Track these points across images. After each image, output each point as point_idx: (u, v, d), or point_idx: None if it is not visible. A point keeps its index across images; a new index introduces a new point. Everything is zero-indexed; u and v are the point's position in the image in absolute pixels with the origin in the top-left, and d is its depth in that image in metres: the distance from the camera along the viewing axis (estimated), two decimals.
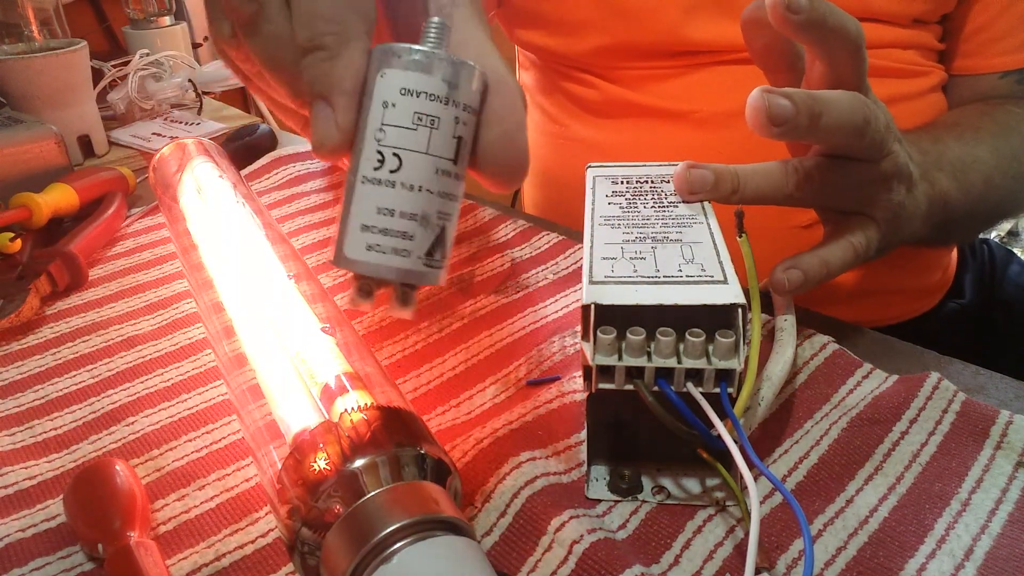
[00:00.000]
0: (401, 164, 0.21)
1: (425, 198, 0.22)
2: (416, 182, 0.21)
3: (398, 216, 0.21)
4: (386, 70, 0.21)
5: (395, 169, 0.21)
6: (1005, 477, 0.28)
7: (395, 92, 0.21)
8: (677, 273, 0.28)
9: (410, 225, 0.22)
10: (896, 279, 0.57)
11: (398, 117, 0.21)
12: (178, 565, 0.27)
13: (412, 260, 0.22)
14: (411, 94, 0.21)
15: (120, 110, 0.79)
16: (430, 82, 0.21)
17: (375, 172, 0.21)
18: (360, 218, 0.22)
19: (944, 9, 0.54)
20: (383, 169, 0.21)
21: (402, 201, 0.21)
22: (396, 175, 0.21)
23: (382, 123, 0.21)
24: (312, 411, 0.26)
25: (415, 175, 0.21)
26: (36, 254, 0.46)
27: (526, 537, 0.27)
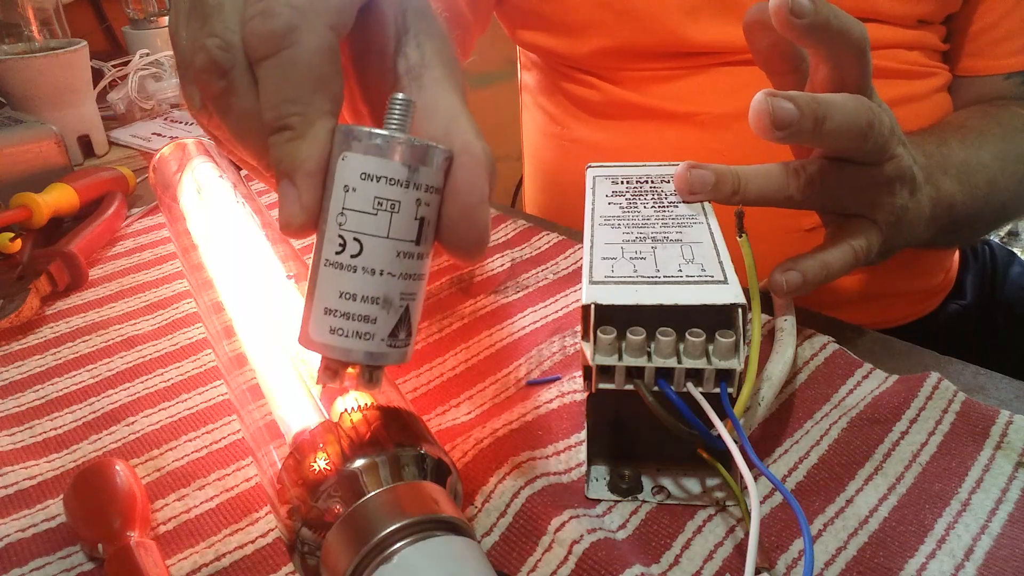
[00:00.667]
0: (362, 249, 0.21)
1: (386, 281, 0.22)
2: (377, 266, 0.21)
3: (360, 300, 0.21)
4: (347, 154, 0.21)
5: (356, 254, 0.21)
6: (1005, 477, 0.28)
7: (355, 176, 0.21)
8: (677, 273, 0.28)
9: (372, 309, 0.22)
10: (898, 282, 0.57)
11: (358, 202, 0.21)
12: (178, 565, 0.27)
13: (375, 343, 0.22)
14: (371, 179, 0.21)
15: (120, 110, 0.79)
16: (390, 167, 0.21)
17: (337, 256, 0.21)
18: (323, 301, 0.22)
19: (949, 9, 0.54)
20: (344, 253, 0.21)
21: (363, 286, 0.21)
22: (357, 260, 0.21)
23: (343, 207, 0.21)
24: (312, 411, 0.26)
25: (376, 260, 0.21)
26: (36, 254, 0.46)
27: (526, 537, 0.27)
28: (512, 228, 0.50)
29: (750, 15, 0.35)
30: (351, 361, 0.22)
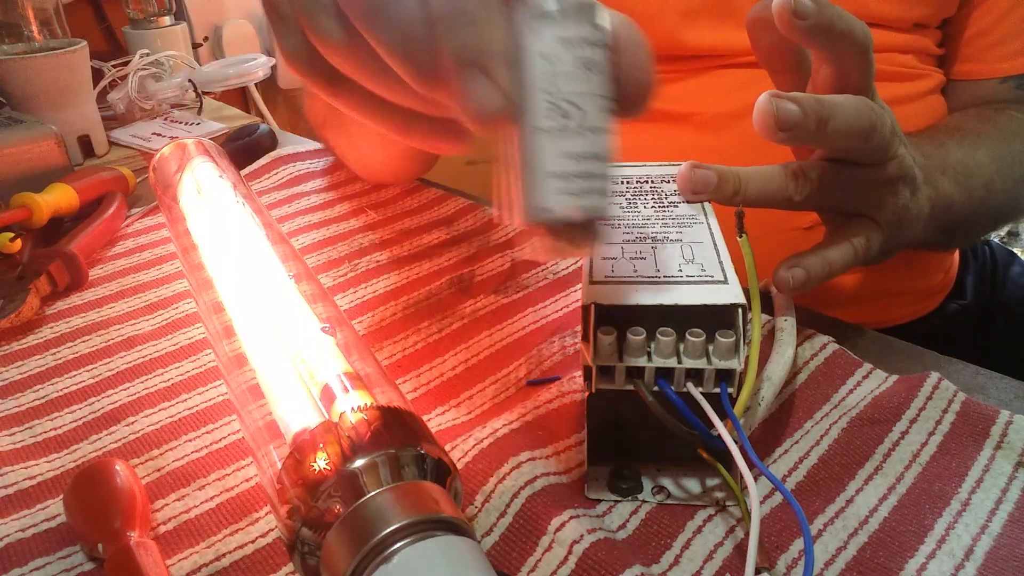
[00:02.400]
0: (577, 109, 0.22)
1: (601, 137, 0.22)
2: (594, 123, 0.22)
3: (583, 159, 0.22)
4: (536, 24, 0.22)
5: (573, 116, 0.22)
6: (1005, 477, 0.28)
7: (555, 44, 0.22)
8: (677, 273, 0.28)
9: (595, 164, 0.22)
10: (898, 281, 0.57)
11: (564, 67, 0.22)
12: (178, 565, 0.27)
13: (600, 197, 0.23)
14: (571, 42, 0.22)
15: (120, 110, 0.79)
16: (583, 28, 0.22)
17: (552, 123, 0.22)
18: (546, 167, 0.22)
19: (945, 13, 0.54)
20: (561, 118, 0.22)
21: (584, 144, 0.22)
22: (574, 121, 0.22)
23: (550, 75, 0.22)
24: (312, 411, 0.26)
25: (592, 118, 0.22)
26: (36, 254, 0.46)
27: (526, 537, 0.27)
28: (512, 228, 0.50)
29: (754, 13, 0.35)
30: (586, 217, 0.22)
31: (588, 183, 0.22)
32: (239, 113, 0.89)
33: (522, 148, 0.22)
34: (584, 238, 0.23)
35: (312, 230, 0.52)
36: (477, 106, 0.21)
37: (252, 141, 0.66)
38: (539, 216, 0.22)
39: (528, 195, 0.22)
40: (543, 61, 0.22)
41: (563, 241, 0.23)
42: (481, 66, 0.21)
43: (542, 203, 0.22)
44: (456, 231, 0.51)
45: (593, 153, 0.22)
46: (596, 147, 0.22)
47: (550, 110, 0.22)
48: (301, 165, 0.62)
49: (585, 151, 0.22)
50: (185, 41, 0.90)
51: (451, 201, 0.55)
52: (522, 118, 0.22)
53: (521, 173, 0.22)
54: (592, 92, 0.22)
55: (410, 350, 0.38)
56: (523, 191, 0.22)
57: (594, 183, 0.22)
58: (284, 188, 0.59)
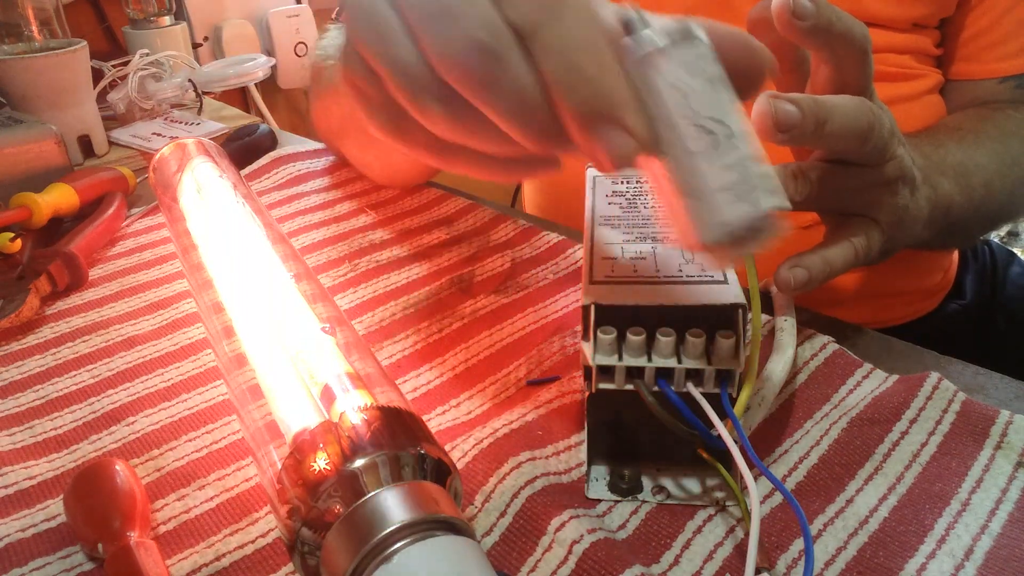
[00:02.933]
0: (718, 123, 0.23)
1: (747, 138, 0.23)
2: (736, 129, 0.23)
3: (740, 165, 0.23)
4: (657, 61, 0.22)
5: (717, 130, 0.23)
6: (1005, 477, 0.28)
7: (681, 73, 0.23)
8: (677, 273, 0.28)
9: (752, 165, 0.23)
10: (897, 281, 0.57)
11: (695, 90, 0.23)
12: (178, 565, 0.27)
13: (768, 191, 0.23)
14: (693, 66, 0.23)
15: (120, 110, 0.79)
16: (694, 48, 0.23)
17: (703, 144, 0.22)
18: (712, 185, 0.23)
19: (943, 13, 0.54)
20: (707, 138, 0.22)
21: (737, 152, 0.23)
22: (721, 136, 0.23)
23: (686, 104, 0.23)
24: (312, 411, 0.26)
25: (733, 125, 0.23)
26: (36, 254, 0.46)
27: (526, 537, 0.27)
28: (512, 228, 0.50)
29: (754, 13, 0.35)
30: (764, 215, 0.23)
31: (753, 183, 0.23)
32: (239, 113, 0.89)
33: (679, 176, 0.23)
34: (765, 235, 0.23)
35: (312, 230, 0.52)
36: (615, 155, 0.22)
37: (252, 141, 0.66)
38: (722, 232, 0.23)
39: (704, 217, 0.23)
40: (674, 91, 0.22)
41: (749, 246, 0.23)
42: (608, 118, 0.22)
43: (720, 220, 0.23)
44: (456, 231, 0.51)
45: (747, 155, 0.23)
46: (747, 149, 0.23)
47: (696, 133, 0.22)
48: (301, 165, 0.62)
49: (739, 157, 0.23)
50: (185, 41, 0.90)
51: (451, 201, 0.55)
52: (670, 148, 0.23)
53: (687, 200, 0.23)
54: (725, 102, 0.23)
55: (410, 350, 0.38)
56: (696, 215, 0.23)
57: (758, 181, 0.23)
58: (284, 188, 0.59)
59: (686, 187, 0.23)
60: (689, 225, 0.23)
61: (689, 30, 0.23)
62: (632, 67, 0.23)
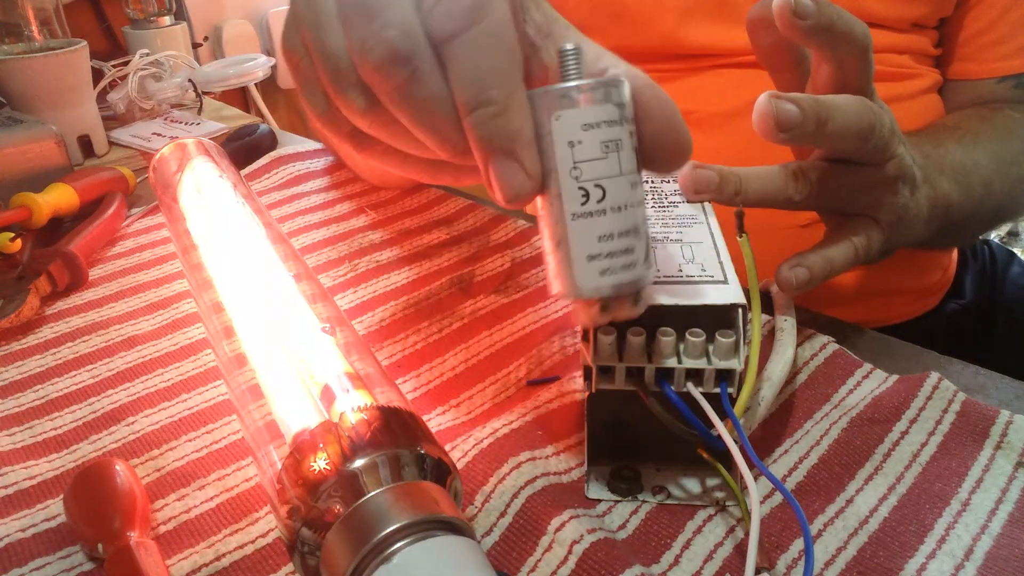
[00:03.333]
0: (605, 193, 0.23)
1: (632, 213, 0.23)
2: (622, 203, 0.23)
3: (617, 238, 0.23)
4: (560, 112, 0.22)
5: (601, 199, 0.23)
6: (1005, 477, 0.28)
7: (578, 130, 0.22)
8: (677, 273, 0.28)
9: (629, 240, 0.23)
10: (896, 280, 0.57)
11: (588, 152, 0.22)
12: (178, 565, 0.27)
13: (639, 268, 0.23)
14: (593, 127, 0.22)
15: (120, 110, 0.79)
16: (605, 110, 0.22)
17: (583, 207, 0.23)
18: (584, 250, 0.23)
19: (942, 13, 0.54)
20: (590, 202, 0.23)
21: (616, 223, 0.23)
22: (604, 203, 0.23)
23: (574, 162, 0.22)
24: (312, 411, 0.26)
25: (619, 197, 0.23)
26: (36, 254, 0.46)
27: (526, 537, 0.27)
28: (512, 228, 0.50)
29: (754, 12, 0.35)
30: (626, 293, 0.23)
31: (623, 259, 0.23)
32: (239, 113, 0.89)
33: (559, 229, 0.23)
34: (628, 307, 0.24)
35: (312, 230, 0.52)
36: (506, 189, 0.22)
37: (252, 141, 0.66)
38: (583, 296, 0.23)
39: (569, 275, 0.23)
40: (567, 148, 0.22)
41: (607, 314, 0.24)
42: (507, 151, 0.22)
43: (582, 284, 0.23)
44: (456, 231, 0.51)
45: (625, 230, 0.23)
46: (628, 223, 0.23)
47: (580, 195, 0.23)
48: (301, 165, 0.62)
49: (617, 229, 0.23)
50: (185, 41, 0.90)
51: (451, 201, 0.55)
52: (553, 201, 0.23)
53: (561, 253, 0.23)
54: (617, 172, 0.23)
55: (410, 350, 0.38)
56: (566, 271, 0.23)
57: (629, 257, 0.23)
58: (284, 188, 0.59)
59: (560, 241, 0.23)
60: (554, 274, 0.24)
61: (611, 87, 0.23)
62: (536, 108, 0.23)
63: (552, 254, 0.24)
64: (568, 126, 0.22)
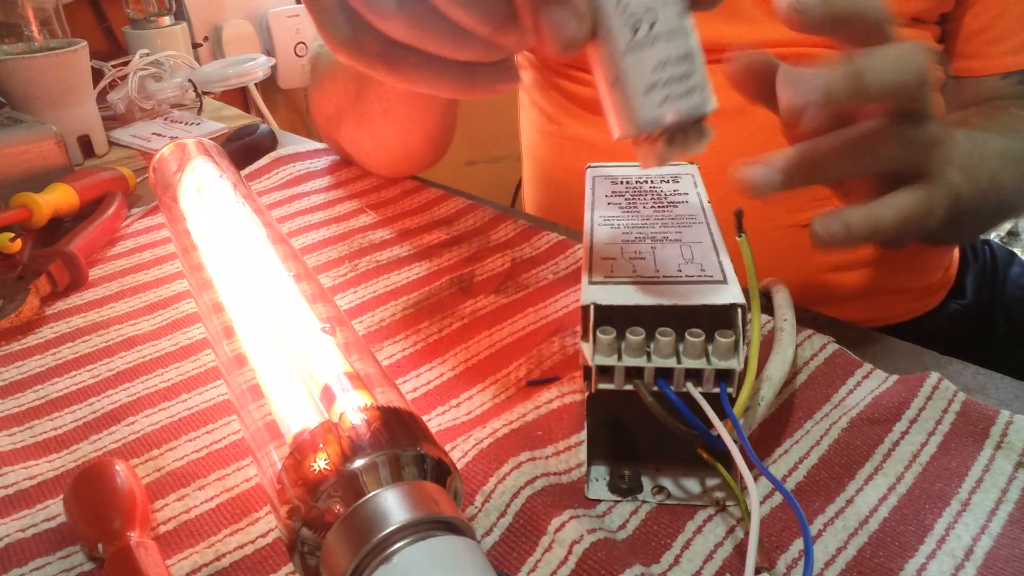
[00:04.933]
0: (655, 21, 0.23)
1: (683, 39, 0.23)
2: (673, 28, 0.23)
3: (673, 64, 0.23)
4: None
5: (651, 28, 0.23)
6: (1005, 477, 0.28)
7: None
8: (677, 273, 0.28)
9: (685, 66, 0.23)
10: (897, 278, 0.57)
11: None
12: (178, 565, 0.27)
13: (700, 93, 0.23)
14: None
15: (120, 110, 0.79)
16: None
17: (634, 39, 0.23)
18: (641, 82, 0.23)
19: (942, 8, 0.54)
20: (641, 33, 0.23)
21: (669, 49, 0.23)
22: (655, 31, 0.23)
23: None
24: (312, 411, 0.26)
25: (669, 23, 0.23)
26: (36, 254, 0.46)
27: (526, 537, 0.27)
28: (512, 228, 0.50)
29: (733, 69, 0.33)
30: (689, 120, 0.23)
31: (683, 85, 0.23)
32: (239, 113, 0.89)
33: (613, 68, 0.23)
34: (693, 139, 0.24)
35: (312, 230, 0.52)
36: (561, 35, 0.22)
37: (252, 141, 0.66)
38: (647, 128, 0.23)
39: (631, 112, 0.23)
40: None
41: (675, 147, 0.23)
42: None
43: (645, 117, 0.23)
44: (456, 231, 0.51)
45: (680, 55, 0.23)
46: (681, 49, 0.23)
47: (630, 26, 0.22)
48: (301, 165, 0.62)
49: (672, 56, 0.23)
50: (185, 41, 0.90)
51: (451, 201, 0.55)
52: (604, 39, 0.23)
53: (618, 91, 0.23)
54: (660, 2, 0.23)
55: (410, 350, 0.38)
56: (625, 108, 0.23)
57: (689, 82, 0.23)
58: (284, 188, 0.59)
59: (618, 79, 0.23)
60: (613, 116, 0.24)
61: None
62: None
63: (608, 96, 0.23)
64: None
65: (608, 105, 0.24)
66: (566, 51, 0.22)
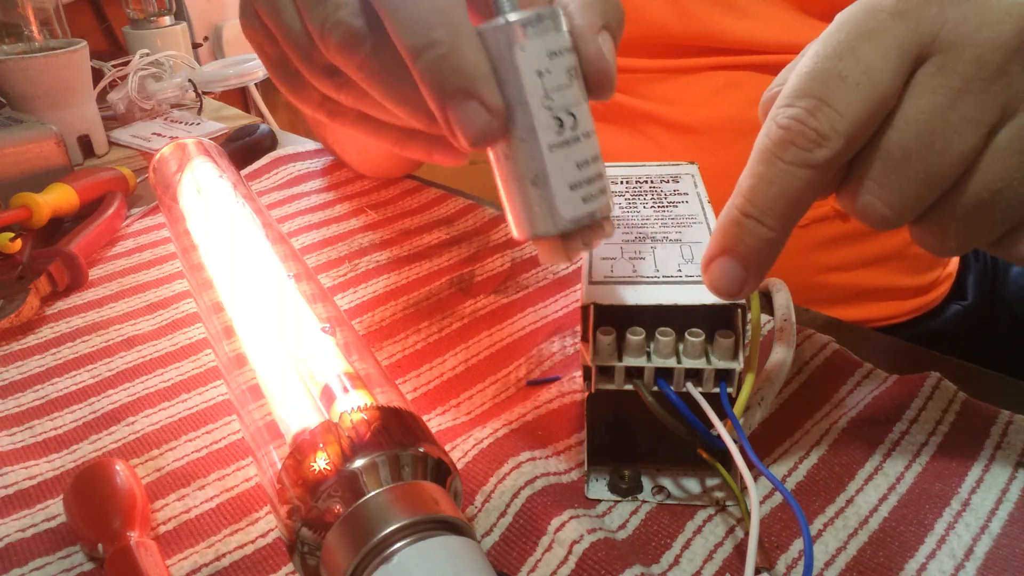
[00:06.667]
0: (576, 119, 0.22)
1: (594, 138, 0.23)
2: (589, 127, 0.23)
3: (591, 163, 0.23)
4: (525, 42, 0.22)
5: (574, 126, 0.22)
6: (1005, 477, 0.28)
7: (544, 59, 0.22)
8: (676, 273, 0.28)
9: (599, 165, 0.23)
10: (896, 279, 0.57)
11: (557, 80, 0.22)
12: (178, 565, 0.27)
13: (607, 193, 0.24)
14: (557, 55, 0.22)
15: (120, 110, 0.79)
16: (562, 38, 0.22)
17: (560, 136, 0.22)
18: (565, 180, 0.23)
19: None
20: (565, 130, 0.22)
21: (588, 149, 0.23)
22: (577, 130, 0.22)
23: (545, 91, 0.22)
24: (312, 411, 0.26)
25: (587, 123, 0.23)
26: (36, 254, 0.46)
27: (526, 537, 0.27)
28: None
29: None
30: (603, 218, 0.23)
31: (598, 184, 0.23)
32: (239, 113, 0.89)
33: (534, 165, 0.22)
34: (597, 237, 0.24)
35: (312, 230, 0.52)
36: (470, 130, 0.22)
37: (252, 141, 0.66)
38: (566, 226, 0.23)
39: (552, 210, 0.23)
40: (537, 79, 0.22)
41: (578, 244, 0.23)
42: (463, 91, 0.21)
43: (568, 215, 0.23)
44: (456, 231, 0.51)
45: (595, 155, 0.23)
46: (595, 149, 0.23)
47: (555, 125, 0.22)
48: (301, 165, 0.62)
49: (590, 155, 0.23)
50: (185, 41, 0.90)
51: (451, 201, 0.55)
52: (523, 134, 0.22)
53: (537, 189, 0.23)
54: (582, 98, 0.23)
55: (410, 350, 0.38)
56: (543, 206, 0.23)
57: (602, 182, 0.23)
58: (284, 188, 0.59)
59: (532, 176, 0.23)
60: (528, 214, 0.23)
61: (558, 18, 0.22)
62: (493, 43, 0.22)
63: (519, 194, 0.23)
64: (534, 56, 0.22)
65: (518, 203, 0.23)
66: (476, 145, 0.22)
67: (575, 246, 0.23)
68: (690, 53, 0.53)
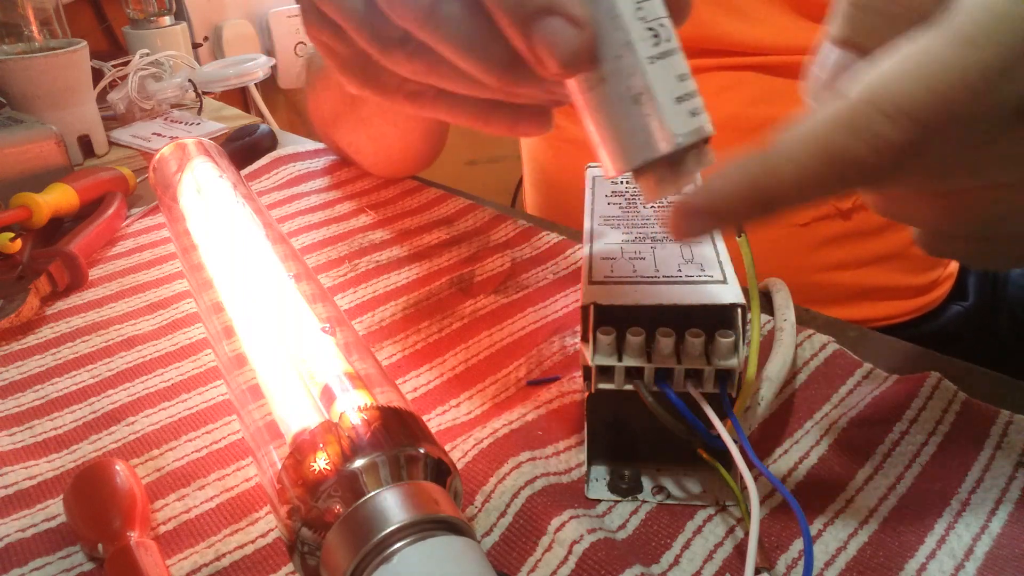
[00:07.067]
0: (665, 30, 0.21)
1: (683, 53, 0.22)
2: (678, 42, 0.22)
3: (689, 77, 0.22)
4: None
5: (669, 37, 0.21)
6: (1005, 477, 0.28)
7: None
8: (676, 273, 0.28)
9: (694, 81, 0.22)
10: (896, 279, 0.57)
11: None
12: (178, 565, 0.27)
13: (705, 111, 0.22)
14: None
15: (120, 110, 0.79)
16: None
17: (657, 47, 0.21)
18: (671, 93, 0.21)
19: None
20: (661, 42, 0.21)
21: (683, 62, 0.22)
22: (671, 42, 0.21)
23: (637, 2, 0.21)
24: (312, 411, 0.26)
25: (675, 37, 0.22)
26: (36, 254, 0.46)
27: (526, 537, 0.27)
28: (512, 228, 0.50)
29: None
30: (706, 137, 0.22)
31: (699, 101, 0.22)
32: (239, 113, 0.89)
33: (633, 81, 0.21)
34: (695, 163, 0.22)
35: (312, 230, 0.52)
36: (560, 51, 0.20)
37: (252, 141, 0.66)
38: (675, 143, 0.21)
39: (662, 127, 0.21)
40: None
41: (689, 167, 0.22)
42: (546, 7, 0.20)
43: (679, 130, 0.21)
44: (456, 231, 0.51)
45: (688, 70, 0.22)
46: (686, 63, 0.22)
47: (650, 36, 0.21)
48: (301, 165, 0.62)
49: (685, 69, 0.21)
50: (185, 41, 0.90)
51: (451, 201, 0.55)
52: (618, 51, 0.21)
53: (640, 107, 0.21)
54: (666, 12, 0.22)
55: (410, 350, 0.38)
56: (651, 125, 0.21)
57: (700, 100, 0.22)
58: (284, 188, 0.59)
59: (634, 95, 0.21)
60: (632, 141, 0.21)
61: None
62: None
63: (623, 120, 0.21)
64: None
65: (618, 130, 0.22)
66: (568, 68, 0.20)
67: (686, 169, 0.22)
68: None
